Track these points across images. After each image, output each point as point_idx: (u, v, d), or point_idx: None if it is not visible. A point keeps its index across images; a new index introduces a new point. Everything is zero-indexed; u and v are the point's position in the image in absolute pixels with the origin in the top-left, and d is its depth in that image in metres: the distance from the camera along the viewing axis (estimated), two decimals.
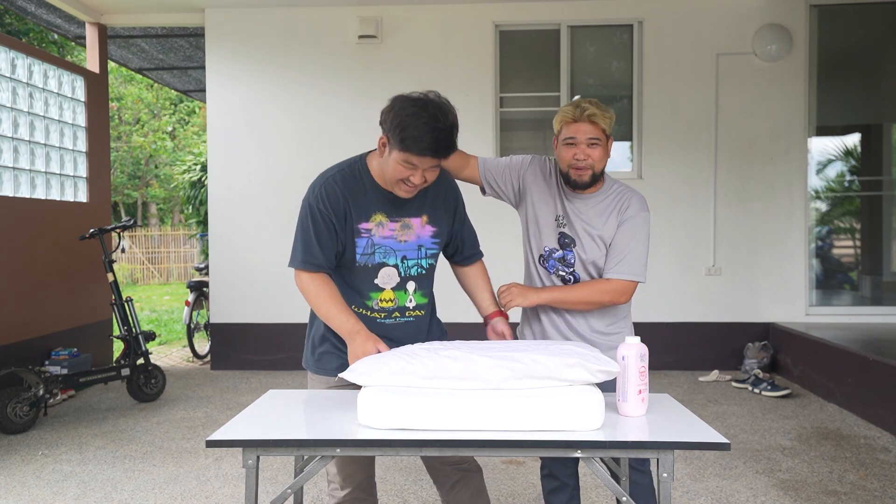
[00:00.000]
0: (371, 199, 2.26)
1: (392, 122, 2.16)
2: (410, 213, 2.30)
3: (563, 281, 2.48)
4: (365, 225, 2.25)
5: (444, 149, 2.14)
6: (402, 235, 2.28)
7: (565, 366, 1.90)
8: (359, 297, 2.30)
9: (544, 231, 2.50)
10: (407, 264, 2.30)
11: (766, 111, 6.40)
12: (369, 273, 2.27)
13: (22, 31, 13.77)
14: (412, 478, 3.77)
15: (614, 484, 1.85)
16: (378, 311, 2.30)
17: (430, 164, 2.16)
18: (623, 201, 2.45)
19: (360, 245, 2.25)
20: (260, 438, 1.83)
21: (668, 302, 6.46)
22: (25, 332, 5.47)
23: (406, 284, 2.31)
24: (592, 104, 2.39)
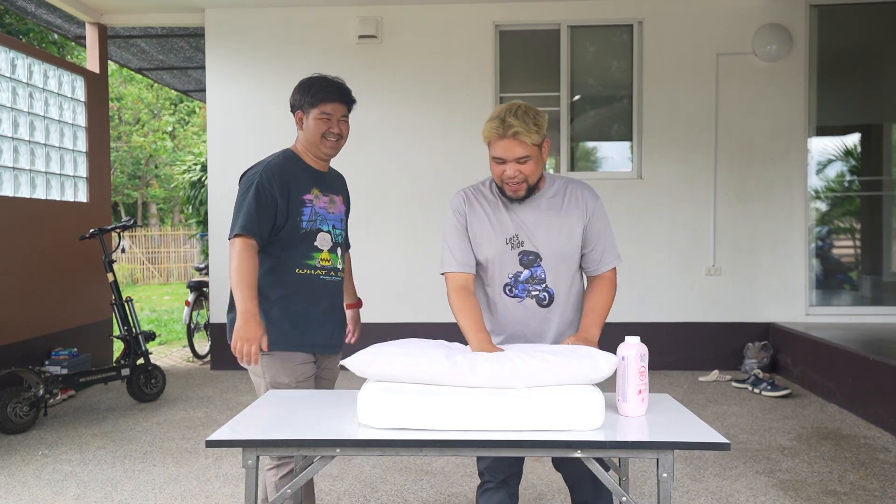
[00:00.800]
0: (307, 177, 2.64)
1: (300, 93, 2.62)
2: (334, 190, 2.74)
3: (537, 301, 2.38)
4: (308, 196, 2.62)
5: (347, 95, 2.64)
6: (331, 207, 2.69)
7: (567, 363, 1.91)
8: (303, 259, 2.61)
9: (500, 261, 2.38)
10: (335, 232, 2.70)
11: (766, 111, 6.40)
12: (311, 237, 2.62)
13: (22, 31, 13.77)
14: (412, 478, 3.77)
15: (614, 484, 1.85)
16: (320, 269, 2.64)
17: (341, 113, 2.62)
18: (577, 196, 2.40)
19: (307, 213, 2.60)
20: (260, 438, 1.83)
21: (668, 302, 6.46)
22: (25, 332, 5.47)
23: (336, 249, 2.71)
24: (518, 118, 2.24)
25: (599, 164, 6.97)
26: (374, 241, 6.41)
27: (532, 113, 2.27)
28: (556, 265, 2.37)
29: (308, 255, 2.61)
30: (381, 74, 6.51)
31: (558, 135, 6.57)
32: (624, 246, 6.35)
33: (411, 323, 6.09)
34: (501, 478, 2.47)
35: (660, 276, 6.46)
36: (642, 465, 3.86)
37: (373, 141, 6.50)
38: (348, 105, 2.65)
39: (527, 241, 2.36)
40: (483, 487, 2.52)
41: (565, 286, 2.41)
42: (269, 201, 2.53)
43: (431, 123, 6.42)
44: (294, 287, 2.60)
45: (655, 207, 6.46)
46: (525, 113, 2.26)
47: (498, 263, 2.38)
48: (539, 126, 2.27)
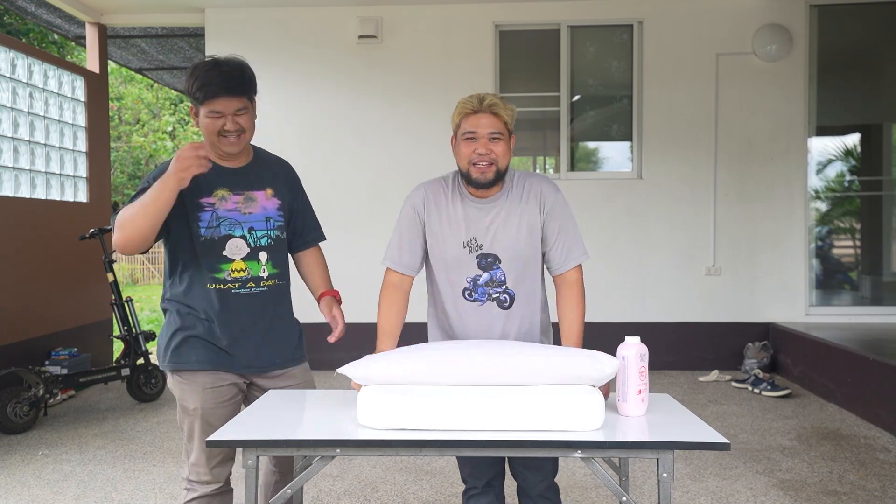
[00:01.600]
0: (210, 178, 2.30)
1: (187, 87, 2.26)
2: (254, 186, 2.38)
3: (498, 303, 2.31)
4: (207, 199, 2.31)
5: (235, 85, 2.23)
6: (246, 207, 2.35)
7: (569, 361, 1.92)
8: (209, 273, 2.31)
9: (459, 263, 2.31)
10: (255, 235, 2.36)
11: (766, 111, 6.40)
12: (216, 245, 2.31)
13: (22, 31, 13.77)
14: (412, 478, 3.77)
15: (614, 484, 1.85)
16: (231, 282, 2.33)
17: (234, 107, 2.24)
18: (534, 191, 2.31)
19: (205, 219, 2.30)
20: (260, 438, 1.83)
21: (668, 302, 6.46)
22: (25, 331, 5.47)
23: (258, 255, 2.37)
24: (493, 95, 2.25)
25: (599, 164, 6.97)
26: (373, 241, 6.39)
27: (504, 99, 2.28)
28: (516, 266, 2.31)
29: (215, 267, 2.31)
30: (381, 74, 6.51)
31: (558, 135, 6.57)
32: (624, 246, 6.44)
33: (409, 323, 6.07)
34: (485, 481, 2.45)
35: (660, 276, 6.46)
36: (642, 465, 3.86)
37: (373, 141, 6.50)
38: (245, 94, 2.27)
39: (485, 244, 2.29)
40: (468, 493, 2.50)
41: (526, 286, 2.34)
42: None
43: (431, 123, 6.42)
44: (204, 304, 2.32)
45: (655, 207, 6.46)
46: (497, 96, 2.26)
47: (456, 267, 2.31)
48: (512, 109, 2.27)
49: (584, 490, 3.59)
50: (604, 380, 1.91)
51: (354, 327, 2.66)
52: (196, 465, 2.37)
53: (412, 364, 1.94)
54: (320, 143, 6.40)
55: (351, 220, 6.34)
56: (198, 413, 2.34)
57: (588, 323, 2.43)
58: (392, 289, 2.38)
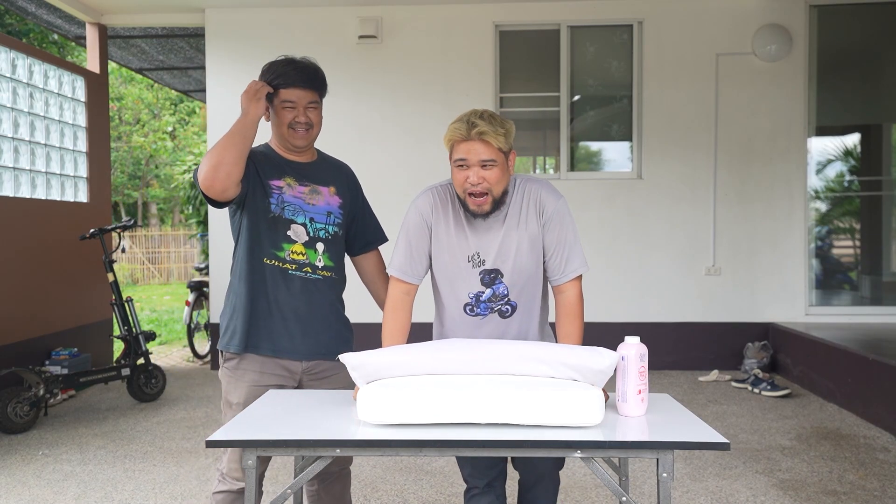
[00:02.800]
0: (281, 166, 2.42)
1: (263, 79, 2.40)
2: (319, 181, 2.48)
3: (500, 314, 2.30)
4: (276, 182, 2.39)
5: (311, 78, 2.40)
6: (310, 198, 2.43)
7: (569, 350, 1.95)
8: (272, 248, 2.38)
9: (462, 277, 2.28)
10: (315, 226, 2.42)
11: (765, 111, 6.41)
12: (281, 225, 2.38)
13: (22, 32, 13.78)
14: (412, 478, 3.77)
15: (614, 484, 1.85)
16: (290, 263, 2.38)
17: (307, 100, 2.38)
18: (533, 199, 2.26)
19: (275, 199, 2.38)
20: (260, 438, 1.83)
21: (668, 302, 6.46)
22: (26, 331, 5.48)
23: (315, 244, 2.42)
24: (485, 119, 2.13)
25: (599, 164, 6.97)
26: None
27: (498, 118, 2.17)
28: (519, 280, 2.29)
29: (278, 244, 2.37)
30: (381, 74, 6.51)
31: (558, 135, 6.58)
32: (624, 246, 6.45)
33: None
34: (486, 481, 2.44)
35: (660, 276, 6.47)
36: (642, 465, 3.86)
37: (373, 141, 6.51)
38: (317, 90, 2.42)
39: (488, 260, 2.26)
40: (470, 493, 2.49)
41: (528, 297, 2.33)
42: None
43: (431, 123, 6.42)
44: (259, 279, 2.37)
45: (655, 207, 6.47)
46: (491, 116, 2.16)
47: (458, 280, 2.29)
48: (506, 131, 2.16)
49: (584, 490, 3.60)
50: (602, 372, 1.91)
51: (354, 327, 2.65)
52: (230, 459, 2.39)
53: (413, 351, 1.96)
54: (320, 144, 6.36)
55: None
56: (239, 408, 2.36)
57: (588, 323, 2.44)
58: (398, 301, 2.34)
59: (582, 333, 2.29)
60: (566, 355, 1.93)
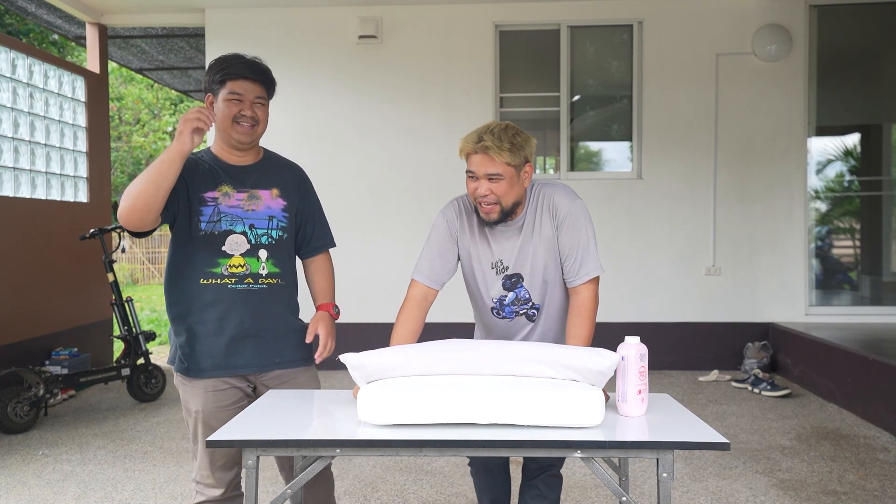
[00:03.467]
0: (215, 174, 2.34)
1: (210, 74, 2.32)
2: (260, 185, 2.38)
3: (527, 318, 2.38)
4: (211, 194, 2.31)
5: (260, 73, 2.32)
6: (249, 205, 2.34)
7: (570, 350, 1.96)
8: (207, 268, 2.30)
9: (486, 282, 2.36)
10: (256, 232, 2.34)
11: (766, 111, 6.41)
12: (216, 240, 2.30)
13: (22, 32, 13.77)
14: (412, 478, 3.77)
15: (614, 484, 1.85)
16: (229, 277, 2.31)
17: (254, 94, 2.30)
18: (547, 203, 2.30)
19: (206, 213, 2.30)
20: (260, 438, 1.83)
21: (668, 302, 6.46)
22: (26, 331, 5.48)
23: (258, 252, 2.35)
24: (494, 135, 2.17)
25: (599, 164, 6.97)
26: (373, 240, 6.41)
27: (511, 132, 2.20)
28: (539, 283, 2.35)
29: (213, 261, 2.29)
30: (381, 74, 6.51)
31: (558, 135, 6.58)
32: (624, 246, 6.45)
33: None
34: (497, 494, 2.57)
35: (660, 276, 6.46)
36: (642, 465, 3.86)
37: (373, 141, 6.50)
38: (265, 86, 2.34)
39: (510, 266, 2.33)
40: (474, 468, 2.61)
41: (551, 298, 2.39)
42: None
43: (431, 123, 6.42)
44: (197, 300, 2.31)
45: (655, 207, 6.46)
46: (503, 131, 2.19)
47: (483, 286, 2.37)
48: (515, 146, 2.18)
49: (584, 490, 3.60)
50: (603, 373, 1.91)
51: (353, 327, 2.67)
52: (200, 467, 2.40)
53: (414, 352, 1.97)
54: (320, 143, 6.40)
55: (351, 219, 6.33)
56: (199, 415, 2.35)
57: None
58: (414, 302, 2.36)
59: (590, 336, 2.29)
60: (566, 356, 1.93)
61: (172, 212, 2.28)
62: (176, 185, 2.20)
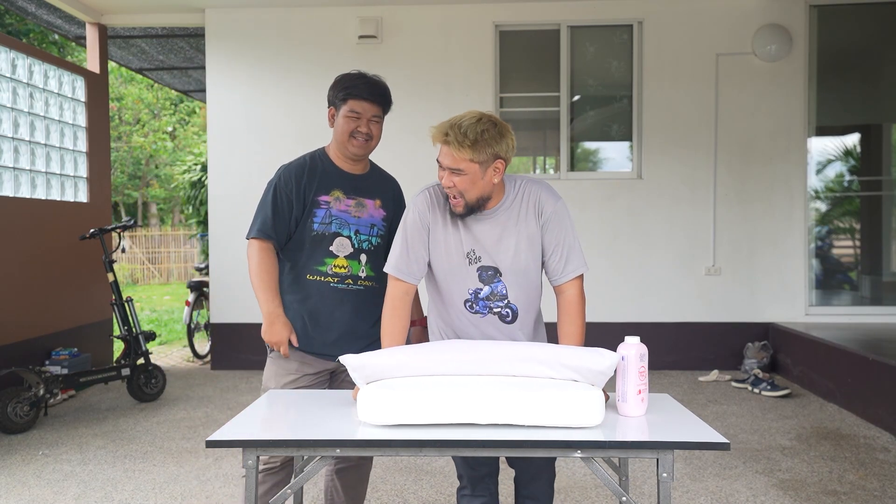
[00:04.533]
0: (330, 178, 2.56)
1: (333, 89, 2.56)
2: (366, 194, 2.61)
3: (500, 317, 2.30)
4: (324, 197, 2.54)
5: (379, 95, 2.54)
6: (356, 211, 2.57)
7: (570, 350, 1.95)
8: (314, 265, 2.53)
9: (460, 274, 2.28)
10: (360, 237, 2.57)
11: (766, 111, 6.41)
12: (325, 241, 2.52)
13: (22, 32, 13.78)
14: (412, 478, 3.77)
15: (614, 484, 1.85)
16: (332, 276, 2.53)
17: (371, 113, 2.52)
18: (532, 200, 2.27)
19: (319, 215, 2.52)
20: (260, 438, 1.83)
21: (668, 302, 6.46)
22: (26, 331, 5.48)
23: (359, 256, 2.57)
24: (460, 130, 2.11)
25: (599, 164, 6.97)
26: None
27: (481, 128, 2.12)
28: (518, 279, 2.29)
29: (320, 260, 2.53)
30: (381, 74, 6.45)
31: (558, 135, 6.58)
32: (624, 246, 6.45)
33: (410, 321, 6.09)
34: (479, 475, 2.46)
35: (660, 276, 6.46)
36: (642, 465, 3.86)
37: None
38: (382, 106, 2.56)
39: (484, 256, 2.26)
40: (461, 493, 2.52)
41: (527, 299, 2.33)
42: (284, 203, 2.52)
43: (431, 123, 6.38)
44: (306, 292, 2.54)
45: (655, 207, 6.47)
46: (473, 125, 2.13)
47: (457, 277, 2.29)
48: (481, 143, 2.11)
49: (584, 490, 3.60)
50: (603, 373, 1.91)
51: None
52: None
53: (414, 353, 1.97)
54: (321, 144, 6.37)
55: None
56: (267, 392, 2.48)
57: (588, 323, 2.43)
58: (396, 301, 2.32)
59: (583, 333, 2.28)
60: (566, 356, 1.93)
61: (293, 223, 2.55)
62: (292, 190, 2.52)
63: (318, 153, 2.64)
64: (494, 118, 2.20)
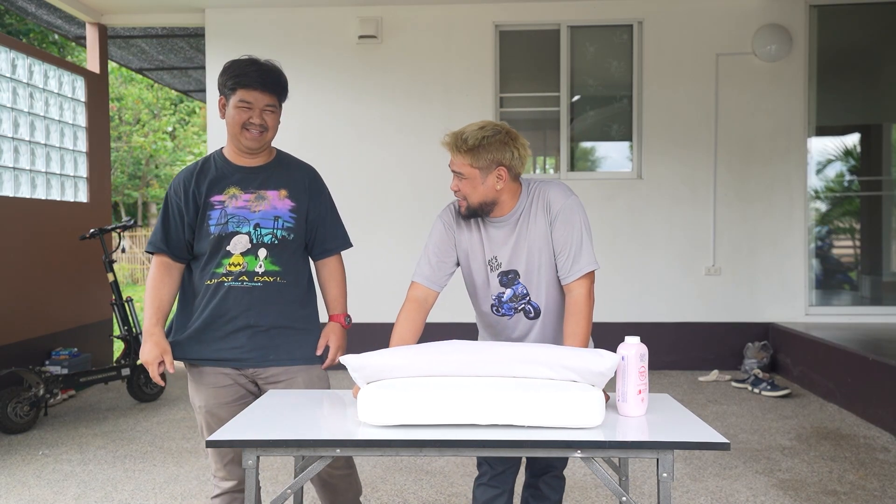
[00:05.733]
0: (224, 176, 2.40)
1: (222, 77, 2.39)
2: (267, 186, 2.42)
3: (525, 314, 2.37)
4: (217, 197, 2.38)
5: (272, 82, 2.35)
6: (256, 205, 2.39)
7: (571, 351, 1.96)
8: (212, 268, 2.39)
9: (484, 281, 2.38)
10: (260, 231, 2.39)
11: (766, 111, 6.40)
12: (223, 242, 2.37)
13: (22, 32, 13.78)
14: (412, 478, 3.77)
15: (614, 484, 1.85)
16: (225, 275, 2.38)
17: (264, 102, 2.34)
18: (542, 200, 2.31)
19: (214, 216, 2.37)
20: (260, 438, 1.83)
21: (668, 302, 6.46)
22: (26, 331, 5.48)
23: (257, 251, 2.39)
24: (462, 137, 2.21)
25: (599, 164, 6.97)
26: (373, 240, 6.41)
27: (482, 135, 2.20)
28: (536, 278, 2.34)
29: (217, 262, 2.37)
30: (381, 74, 6.51)
31: (558, 135, 6.57)
32: (624, 246, 6.45)
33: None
34: (501, 469, 2.50)
35: (660, 276, 6.46)
36: (642, 465, 3.86)
37: (373, 141, 6.50)
38: (276, 94, 2.39)
39: (504, 262, 2.34)
40: (479, 480, 2.55)
41: (547, 295, 2.37)
42: (175, 212, 2.39)
43: (431, 123, 6.42)
44: (200, 298, 2.40)
45: (655, 207, 6.47)
46: (476, 132, 2.21)
47: (481, 285, 2.39)
48: (480, 149, 2.19)
49: (584, 490, 3.60)
50: (603, 374, 1.91)
51: (353, 327, 2.66)
52: (214, 461, 2.47)
53: (414, 353, 1.97)
54: (320, 143, 6.40)
55: (351, 219, 6.28)
56: (202, 410, 2.45)
57: None
58: (413, 304, 2.36)
59: (587, 333, 2.28)
60: (566, 357, 1.93)
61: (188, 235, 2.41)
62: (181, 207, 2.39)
63: (215, 153, 2.48)
64: (504, 127, 2.27)
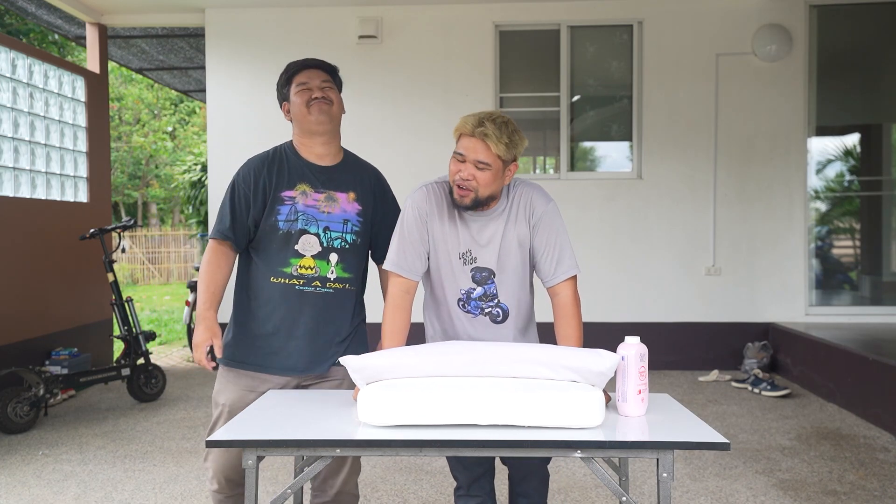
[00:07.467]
0: (294, 171, 2.36)
1: (278, 83, 2.45)
2: (338, 187, 2.38)
3: (491, 318, 2.32)
4: (288, 193, 2.33)
5: (319, 62, 2.41)
6: (325, 206, 2.35)
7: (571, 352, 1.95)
8: (279, 266, 2.33)
9: (454, 273, 2.30)
10: (329, 235, 2.34)
11: (765, 111, 6.41)
12: (290, 239, 2.31)
13: (22, 32, 13.78)
14: (412, 478, 3.77)
15: (614, 484, 1.85)
16: (297, 278, 2.32)
17: (320, 78, 2.36)
18: (523, 202, 2.28)
19: (283, 212, 2.31)
20: (260, 438, 1.83)
21: (668, 302, 6.46)
22: (26, 331, 5.47)
23: (328, 255, 2.34)
24: (495, 123, 2.13)
25: (599, 164, 6.97)
26: None
27: (511, 128, 2.17)
28: (509, 279, 2.31)
29: (285, 261, 2.31)
30: (381, 74, 6.51)
31: (558, 135, 6.57)
32: (624, 246, 6.45)
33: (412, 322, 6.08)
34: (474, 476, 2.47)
35: (659, 276, 6.46)
36: (642, 465, 3.86)
37: (373, 140, 6.50)
38: (328, 72, 2.40)
39: (479, 258, 2.28)
40: (458, 493, 2.53)
41: (517, 300, 2.34)
42: (242, 202, 2.33)
43: (432, 123, 6.42)
44: (266, 298, 2.34)
45: (655, 207, 6.47)
46: (504, 124, 2.16)
47: (450, 276, 2.30)
48: (511, 142, 2.16)
49: (584, 490, 3.60)
50: (603, 374, 1.91)
51: None
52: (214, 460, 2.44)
53: (414, 354, 1.97)
54: None
55: None
56: (225, 409, 2.37)
57: (588, 323, 2.44)
58: (397, 299, 2.31)
59: (581, 334, 2.28)
60: (566, 357, 1.93)
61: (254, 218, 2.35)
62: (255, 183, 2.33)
63: (284, 146, 2.43)
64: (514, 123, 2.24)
